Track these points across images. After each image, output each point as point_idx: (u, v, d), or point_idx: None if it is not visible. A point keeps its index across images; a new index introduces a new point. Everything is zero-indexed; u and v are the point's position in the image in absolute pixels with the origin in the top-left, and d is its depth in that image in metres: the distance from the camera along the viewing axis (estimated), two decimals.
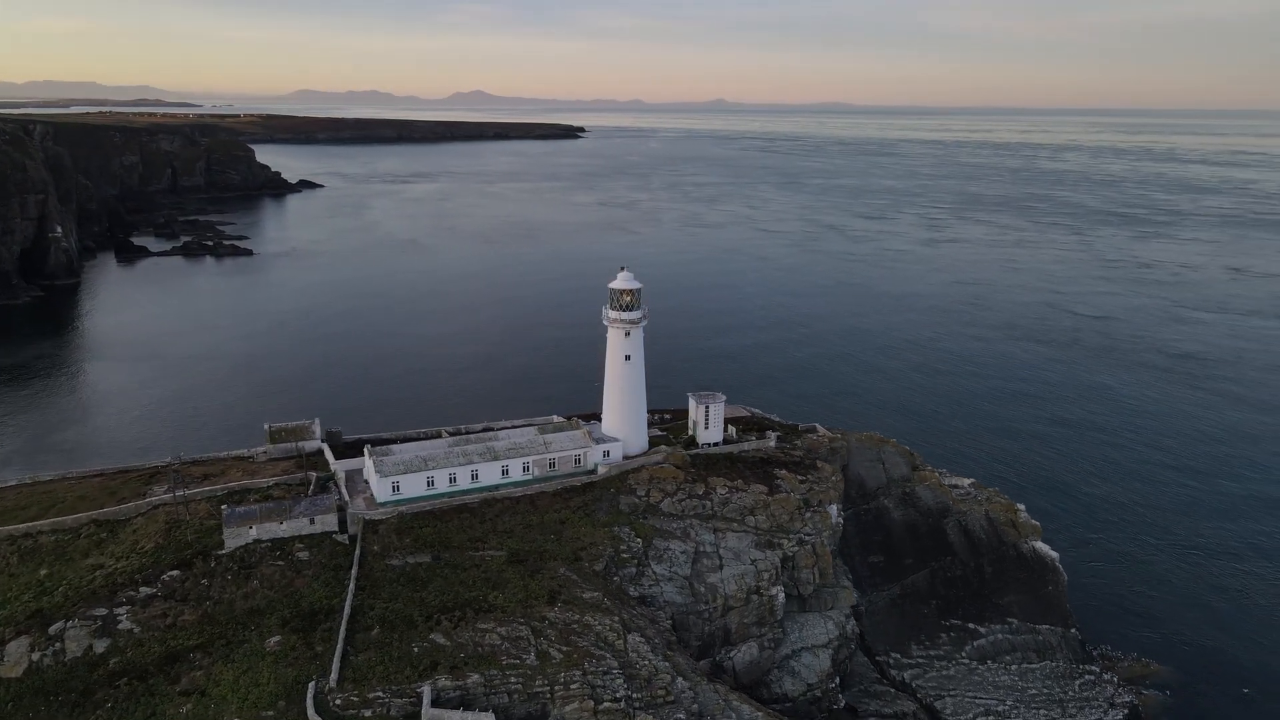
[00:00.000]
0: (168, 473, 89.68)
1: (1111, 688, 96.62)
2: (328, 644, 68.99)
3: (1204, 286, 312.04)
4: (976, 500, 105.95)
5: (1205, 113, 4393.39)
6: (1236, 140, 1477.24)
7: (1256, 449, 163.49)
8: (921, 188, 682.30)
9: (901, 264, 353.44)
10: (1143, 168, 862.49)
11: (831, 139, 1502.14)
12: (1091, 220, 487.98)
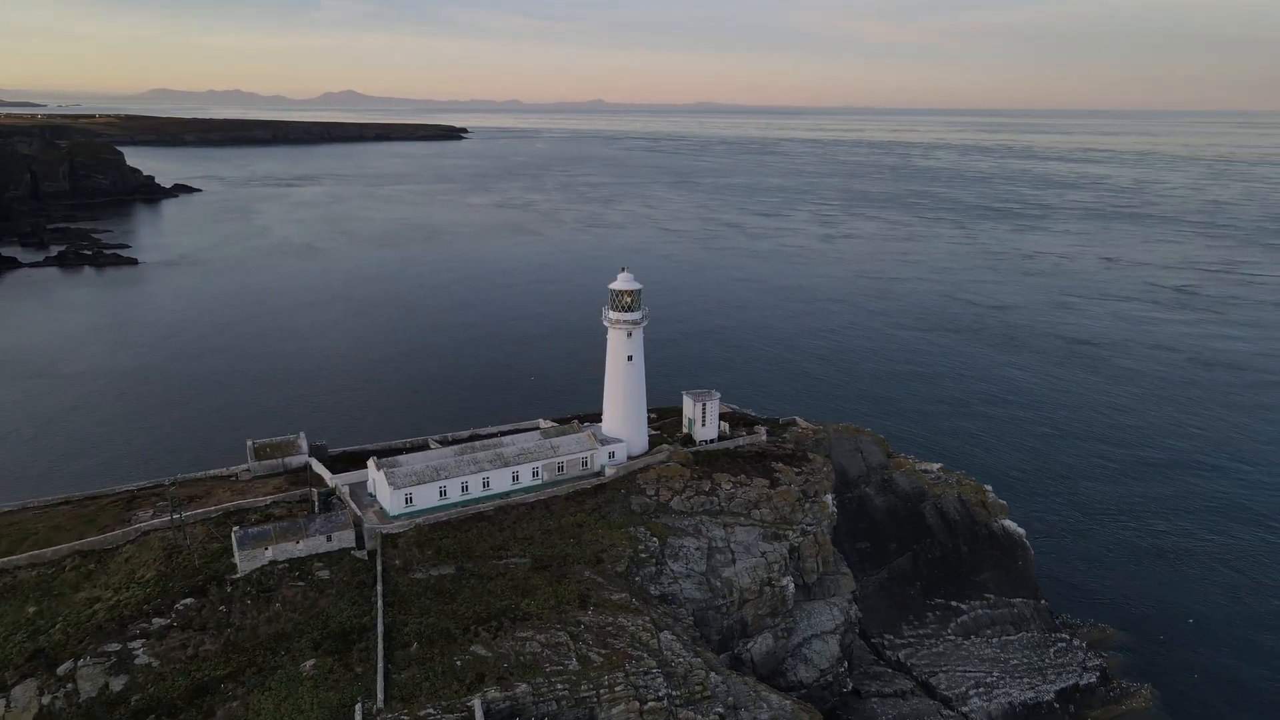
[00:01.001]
0: (158, 496, 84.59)
1: (1081, 653, 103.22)
2: (367, 664, 66.86)
3: (1083, 276, 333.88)
4: (948, 483, 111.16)
5: (1055, 113, 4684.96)
6: (1085, 139, 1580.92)
7: (1156, 419, 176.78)
8: (809, 185, 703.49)
9: (804, 260, 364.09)
10: (1008, 165, 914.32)
11: (715, 138, 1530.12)
12: (971, 215, 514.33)
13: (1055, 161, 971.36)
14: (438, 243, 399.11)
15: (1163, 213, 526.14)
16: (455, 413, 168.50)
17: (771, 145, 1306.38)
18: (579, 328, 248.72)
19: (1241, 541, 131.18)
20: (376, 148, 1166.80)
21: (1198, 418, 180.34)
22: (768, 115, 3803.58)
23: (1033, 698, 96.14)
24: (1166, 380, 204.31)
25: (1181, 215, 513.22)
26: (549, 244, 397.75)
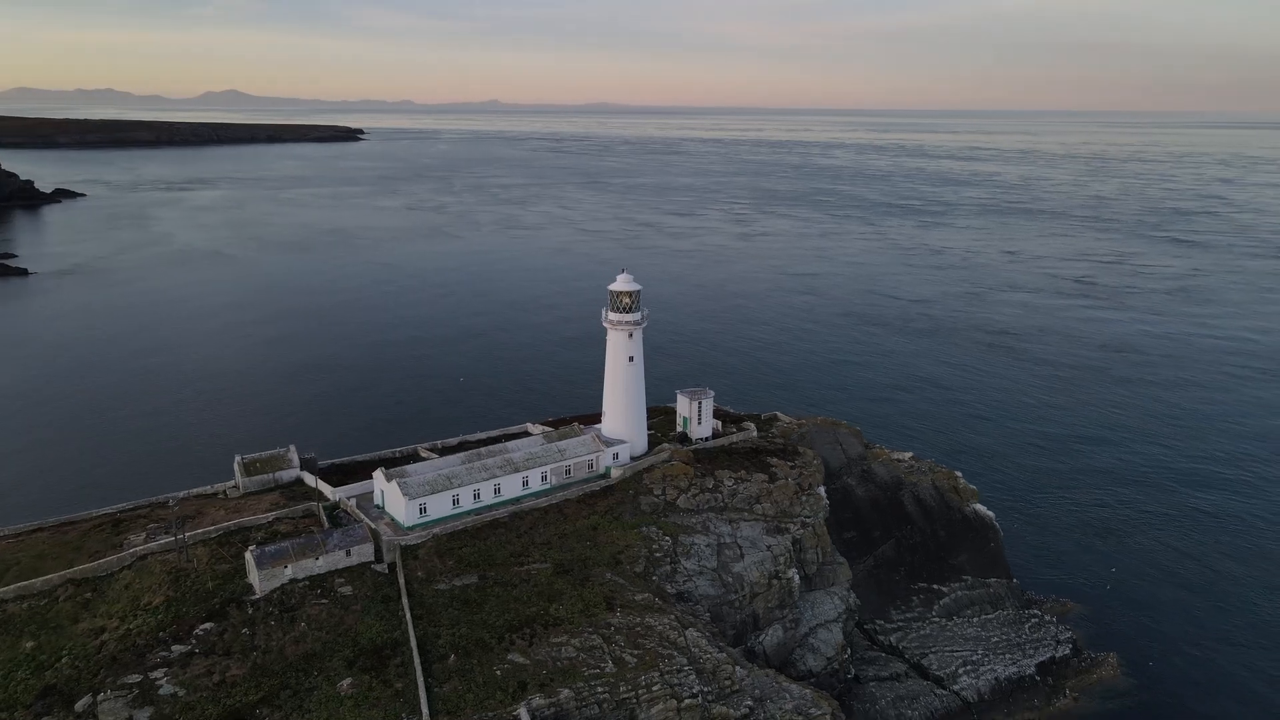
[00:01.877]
0: (146, 519, 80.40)
1: (1054, 627, 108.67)
2: (406, 679, 65.56)
3: (990, 269, 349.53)
4: (922, 471, 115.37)
5: (936, 113, 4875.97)
6: (969, 137, 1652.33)
7: (1075, 400, 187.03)
8: (718, 185, 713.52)
9: (727, 258, 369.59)
10: (904, 163, 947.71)
11: (617, 139, 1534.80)
12: (878, 212, 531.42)
13: (946, 160, 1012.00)
14: (355, 247, 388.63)
15: (1051, 208, 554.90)
16: (432, 420, 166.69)
17: (674, 145, 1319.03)
18: (536, 332, 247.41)
19: (1174, 511, 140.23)
20: (270, 149, 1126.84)
21: (1116, 398, 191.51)
22: (664, 115, 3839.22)
23: (1016, 673, 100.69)
24: (1082, 365, 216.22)
25: (1069, 210, 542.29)
26: (473, 248, 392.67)
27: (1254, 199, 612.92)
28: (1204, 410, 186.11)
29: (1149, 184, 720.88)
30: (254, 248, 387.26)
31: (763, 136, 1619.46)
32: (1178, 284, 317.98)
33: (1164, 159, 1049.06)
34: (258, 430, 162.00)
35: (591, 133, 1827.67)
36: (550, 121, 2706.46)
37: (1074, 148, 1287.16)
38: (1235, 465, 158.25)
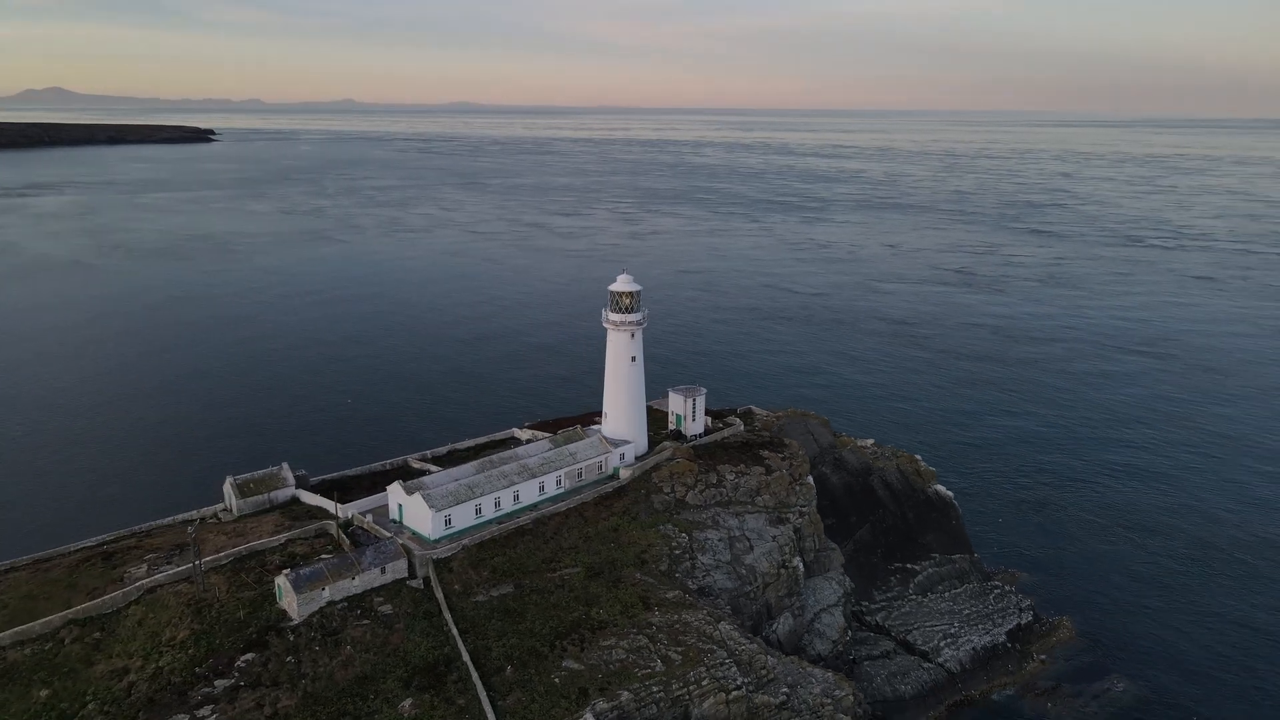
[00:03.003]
0: (140, 549, 74.94)
1: (1014, 596, 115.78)
2: (467, 694, 64.22)
3: (876, 262, 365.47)
4: (886, 457, 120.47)
5: (794, 112, 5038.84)
6: (828, 136, 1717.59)
7: (982, 381, 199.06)
8: (598, 184, 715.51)
9: (620, 257, 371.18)
10: (774, 161, 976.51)
11: (486, 139, 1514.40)
12: (759, 209, 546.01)
13: (812, 158, 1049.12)
14: (234, 254, 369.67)
15: (919, 202, 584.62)
16: (401, 430, 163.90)
17: (545, 145, 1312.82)
18: (470, 337, 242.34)
19: (1094, 476, 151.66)
20: (112, 151, 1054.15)
21: (1018, 378, 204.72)
22: (530, 115, 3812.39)
23: (990, 642, 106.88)
24: (981, 350, 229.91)
25: (935, 204, 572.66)
26: (363, 251, 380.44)
27: (1094, 191, 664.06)
28: (1094, 385, 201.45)
29: (1000, 179, 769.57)
30: (121, 257, 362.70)
31: (632, 135, 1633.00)
32: (1046, 272, 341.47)
33: (1007, 155, 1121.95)
34: (227, 451, 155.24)
35: (458, 133, 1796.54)
36: (414, 121, 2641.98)
37: (926, 145, 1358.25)
38: (1134, 429, 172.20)
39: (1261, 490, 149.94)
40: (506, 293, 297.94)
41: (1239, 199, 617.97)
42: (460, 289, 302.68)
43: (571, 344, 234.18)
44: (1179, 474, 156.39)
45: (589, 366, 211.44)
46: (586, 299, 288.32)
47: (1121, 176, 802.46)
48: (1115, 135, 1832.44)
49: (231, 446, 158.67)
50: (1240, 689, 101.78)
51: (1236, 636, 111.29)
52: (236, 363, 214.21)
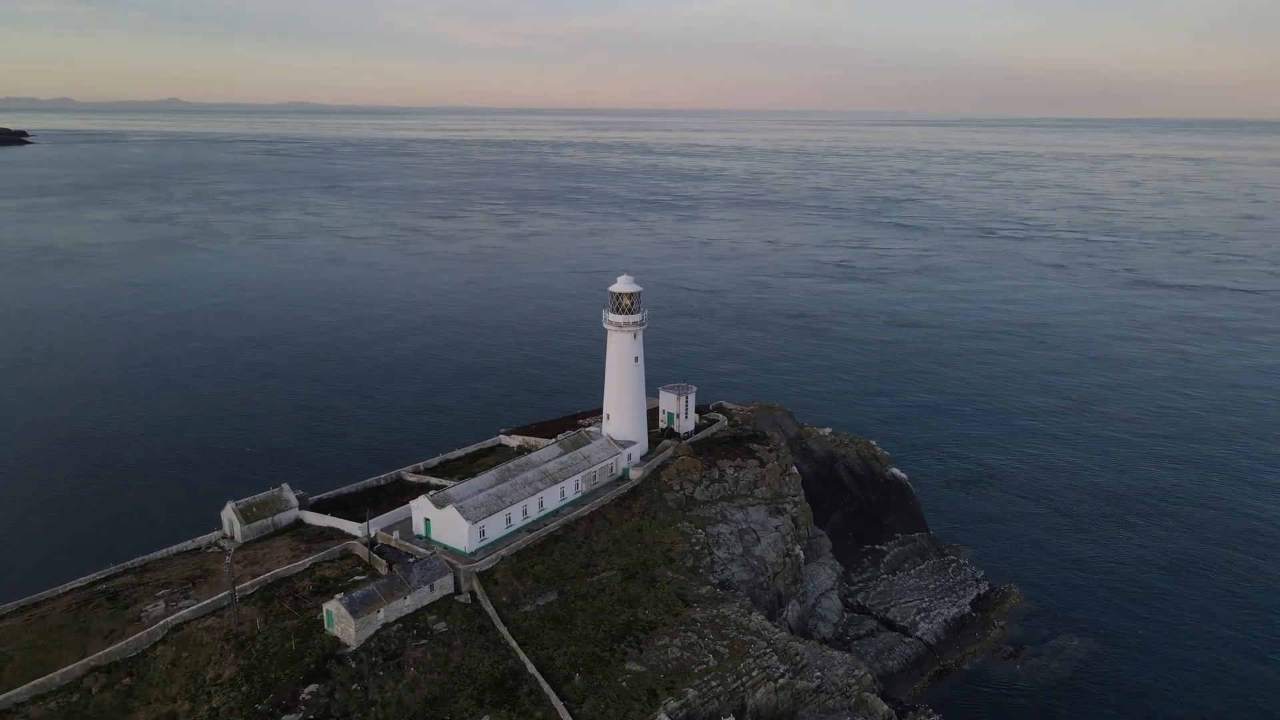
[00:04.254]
0: (143, 585, 69.46)
1: (968, 569, 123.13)
2: (544, 706, 63.45)
3: (760, 257, 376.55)
4: (845, 444, 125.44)
5: (643, 112, 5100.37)
6: (683, 135, 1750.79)
7: (883, 368, 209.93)
8: (466, 186, 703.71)
9: (510, 259, 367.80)
10: (637, 161, 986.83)
11: (336, 139, 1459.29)
12: (634, 208, 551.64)
13: (673, 157, 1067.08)
14: (86, 266, 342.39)
15: (785, 199, 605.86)
16: (371, 445, 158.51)
17: (400, 146, 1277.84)
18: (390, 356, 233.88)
19: (1015, 451, 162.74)
20: None
21: (921, 364, 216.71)
22: (378, 116, 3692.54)
23: (957, 613, 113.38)
24: (880, 337, 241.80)
25: (801, 201, 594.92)
26: (233, 260, 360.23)
27: (940, 187, 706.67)
28: (991, 363, 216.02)
29: (854, 176, 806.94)
30: None
31: (488, 136, 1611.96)
32: (918, 263, 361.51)
33: (855, 153, 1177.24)
34: (195, 479, 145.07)
35: (304, 134, 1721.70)
36: (253, 122, 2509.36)
37: (778, 144, 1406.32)
38: (1029, 403, 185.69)
39: (1148, 448, 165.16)
40: (422, 300, 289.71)
41: (1066, 192, 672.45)
42: (376, 299, 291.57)
43: (507, 350, 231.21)
44: (1078, 440, 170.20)
45: (534, 371, 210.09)
46: (511, 305, 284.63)
47: (961, 173, 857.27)
48: (945, 134, 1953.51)
49: (201, 472, 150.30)
50: (1168, 626, 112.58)
51: (1157, 580, 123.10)
52: (180, 383, 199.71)
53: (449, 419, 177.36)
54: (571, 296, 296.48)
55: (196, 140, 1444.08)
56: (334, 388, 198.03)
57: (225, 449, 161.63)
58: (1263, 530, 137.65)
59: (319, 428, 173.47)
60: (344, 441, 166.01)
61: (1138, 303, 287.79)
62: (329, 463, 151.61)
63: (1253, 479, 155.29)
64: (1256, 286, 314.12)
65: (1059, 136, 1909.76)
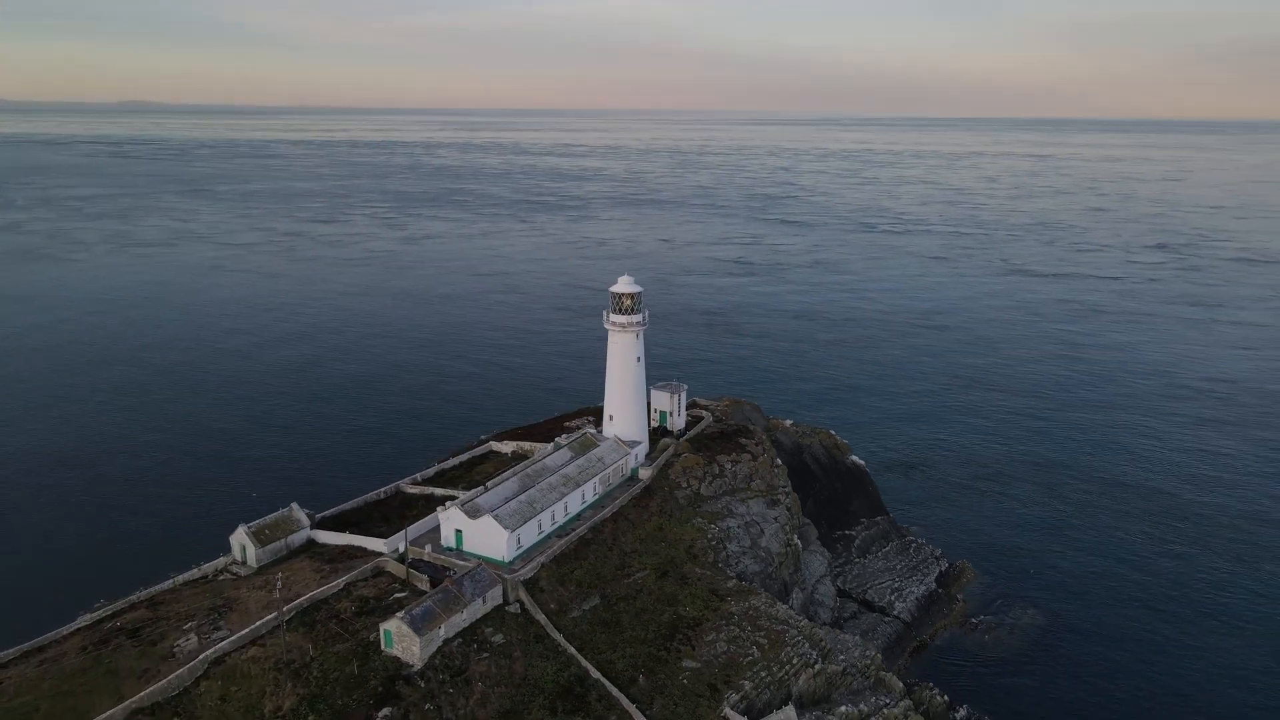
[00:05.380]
0: (180, 615, 65.06)
1: (927, 548, 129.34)
2: (616, 710, 63.55)
3: (659, 256, 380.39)
4: (808, 434, 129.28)
5: (504, 112, 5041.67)
6: (555, 134, 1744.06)
7: (806, 359, 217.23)
8: (342, 188, 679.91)
9: (408, 263, 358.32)
10: (514, 161, 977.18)
11: (190, 141, 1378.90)
12: (522, 209, 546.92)
13: (550, 157, 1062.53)
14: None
15: (670, 198, 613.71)
16: (350, 461, 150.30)
17: (263, 148, 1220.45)
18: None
19: (944, 431, 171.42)
20: None
21: (834, 355, 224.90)
22: (228, 115, 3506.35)
23: (925, 590, 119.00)
24: (790, 332, 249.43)
25: (685, 199, 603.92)
26: (98, 269, 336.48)
27: (815, 184, 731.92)
28: (901, 350, 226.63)
29: (732, 173, 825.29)
30: None
31: (354, 137, 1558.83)
32: (811, 259, 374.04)
33: (727, 151, 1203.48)
34: (189, 504, 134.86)
35: (151, 135, 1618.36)
36: (89, 122, 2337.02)
37: (650, 143, 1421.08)
38: (949, 383, 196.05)
39: (1050, 419, 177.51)
40: (337, 309, 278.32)
41: (931, 188, 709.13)
42: (289, 311, 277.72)
43: (439, 360, 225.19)
44: (991, 418, 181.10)
45: (472, 382, 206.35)
46: (429, 312, 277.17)
47: (831, 170, 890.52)
48: (809, 133, 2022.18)
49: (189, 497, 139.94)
50: (1111, 594, 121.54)
51: (1095, 547, 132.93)
52: (134, 406, 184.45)
53: (407, 433, 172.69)
54: (483, 300, 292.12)
55: (28, 141, 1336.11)
56: (286, 403, 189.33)
57: (200, 474, 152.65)
58: (1163, 488, 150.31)
59: (286, 444, 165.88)
60: (313, 459, 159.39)
61: (1019, 290, 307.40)
62: (306, 481, 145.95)
63: (1144, 441, 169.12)
64: (1117, 274, 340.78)
65: (914, 134, 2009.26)
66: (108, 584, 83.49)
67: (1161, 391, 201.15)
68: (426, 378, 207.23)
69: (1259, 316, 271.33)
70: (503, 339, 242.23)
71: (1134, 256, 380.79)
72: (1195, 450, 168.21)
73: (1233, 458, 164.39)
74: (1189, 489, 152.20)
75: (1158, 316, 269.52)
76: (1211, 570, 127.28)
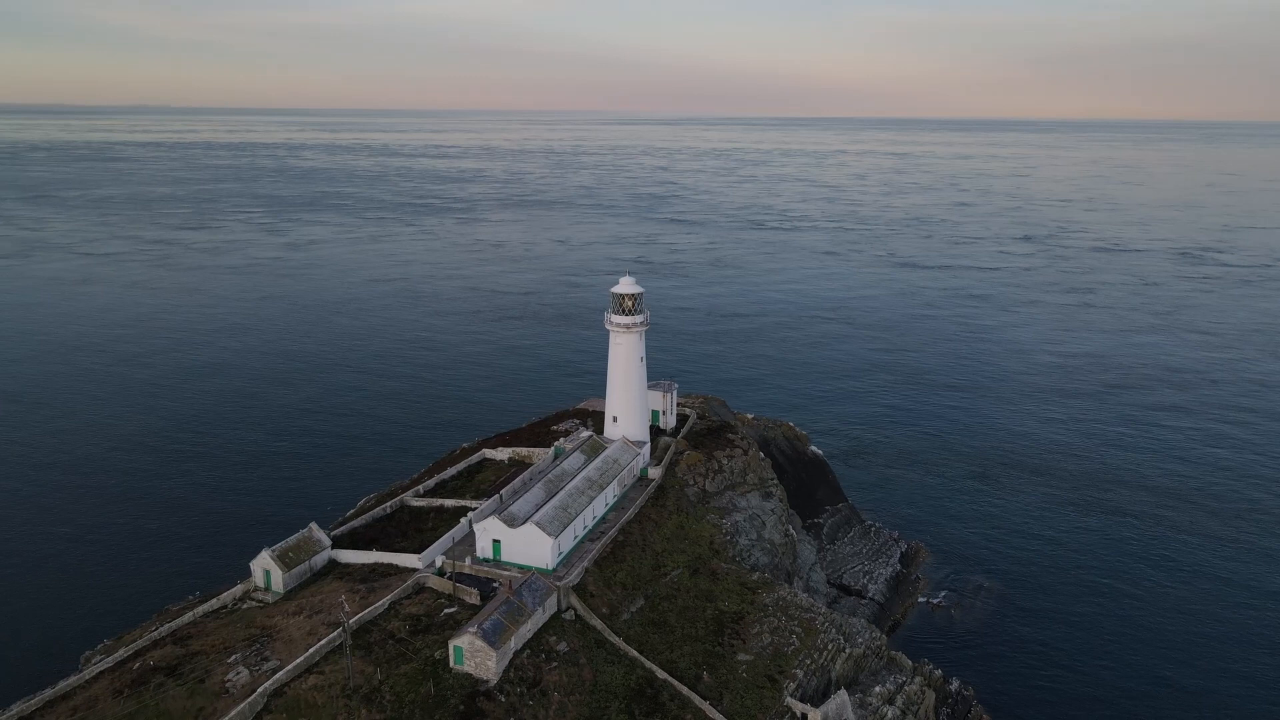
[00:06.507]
0: (216, 647, 61.04)
1: (885, 531, 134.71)
2: (690, 709, 64.28)
3: (555, 257, 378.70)
4: (771, 426, 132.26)
5: (363, 112, 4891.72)
6: (421, 135, 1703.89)
7: (730, 353, 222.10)
8: (206, 193, 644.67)
9: (298, 271, 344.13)
10: (387, 163, 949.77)
11: (20, 143, 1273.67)
12: (408, 211, 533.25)
13: (423, 158, 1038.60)
14: None
15: (557, 199, 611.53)
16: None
17: (105, 150, 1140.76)
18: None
19: (886, 418, 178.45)
20: None
21: (756, 348, 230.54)
22: (53, 115, 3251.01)
23: (892, 571, 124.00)
24: (706, 330, 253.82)
25: (572, 200, 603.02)
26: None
27: (695, 183, 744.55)
28: (817, 341, 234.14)
29: (612, 173, 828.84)
30: None
31: (208, 138, 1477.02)
32: (709, 256, 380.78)
33: (601, 151, 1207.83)
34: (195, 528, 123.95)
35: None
36: None
37: (522, 143, 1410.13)
38: (868, 372, 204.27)
39: (967, 404, 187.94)
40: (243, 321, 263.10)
41: (806, 185, 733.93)
42: (195, 326, 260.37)
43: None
44: (922, 402, 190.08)
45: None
46: (301, 320, 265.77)
47: (708, 169, 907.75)
48: (678, 132, 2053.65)
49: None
50: (1048, 559, 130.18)
51: (1031, 517, 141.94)
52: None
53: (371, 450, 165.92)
54: (389, 308, 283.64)
55: None
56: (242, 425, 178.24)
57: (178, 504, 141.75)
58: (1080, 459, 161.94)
59: (208, 473, 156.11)
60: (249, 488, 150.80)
61: (912, 282, 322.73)
62: (248, 504, 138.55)
63: (1040, 418, 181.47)
64: (994, 265, 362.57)
65: (777, 134, 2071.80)
66: (80, 622, 77.23)
67: (1047, 371, 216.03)
68: (358, 395, 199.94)
69: (1130, 300, 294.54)
70: (424, 348, 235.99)
71: (1005, 248, 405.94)
72: (1090, 423, 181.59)
73: (1132, 428, 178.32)
74: (1088, 459, 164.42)
75: (1041, 304, 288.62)
76: (1124, 524, 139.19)
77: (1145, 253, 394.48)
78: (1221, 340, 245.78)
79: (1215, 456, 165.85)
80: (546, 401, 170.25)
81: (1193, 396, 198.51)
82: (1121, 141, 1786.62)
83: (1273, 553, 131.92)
